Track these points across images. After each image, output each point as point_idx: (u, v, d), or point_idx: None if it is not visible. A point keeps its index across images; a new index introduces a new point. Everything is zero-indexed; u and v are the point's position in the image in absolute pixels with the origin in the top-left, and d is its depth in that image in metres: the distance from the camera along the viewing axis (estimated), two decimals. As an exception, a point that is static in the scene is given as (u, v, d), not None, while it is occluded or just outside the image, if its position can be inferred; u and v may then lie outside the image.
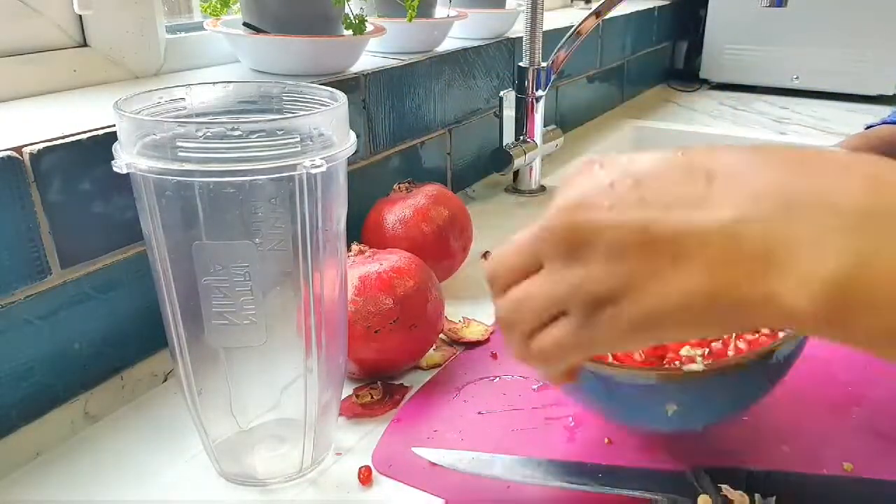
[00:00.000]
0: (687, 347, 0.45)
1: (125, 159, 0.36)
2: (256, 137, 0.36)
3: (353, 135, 0.40)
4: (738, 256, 0.25)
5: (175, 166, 0.35)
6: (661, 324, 0.27)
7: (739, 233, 0.25)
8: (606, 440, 0.47)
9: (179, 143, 0.35)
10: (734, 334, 0.46)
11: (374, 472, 0.45)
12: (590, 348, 0.30)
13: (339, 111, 0.40)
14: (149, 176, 0.36)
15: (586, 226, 0.28)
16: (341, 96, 0.41)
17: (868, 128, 0.69)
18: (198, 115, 0.42)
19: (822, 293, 0.23)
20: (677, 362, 0.44)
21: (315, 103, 0.43)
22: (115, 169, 0.36)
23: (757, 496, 0.40)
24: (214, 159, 0.35)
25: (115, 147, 0.37)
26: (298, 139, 0.36)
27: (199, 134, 0.35)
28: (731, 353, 0.45)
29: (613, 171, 0.28)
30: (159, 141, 0.35)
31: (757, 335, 0.46)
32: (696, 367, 0.39)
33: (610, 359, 0.45)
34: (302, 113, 0.42)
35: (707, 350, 0.44)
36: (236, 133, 0.36)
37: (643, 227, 0.26)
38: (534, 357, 0.32)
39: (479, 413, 0.50)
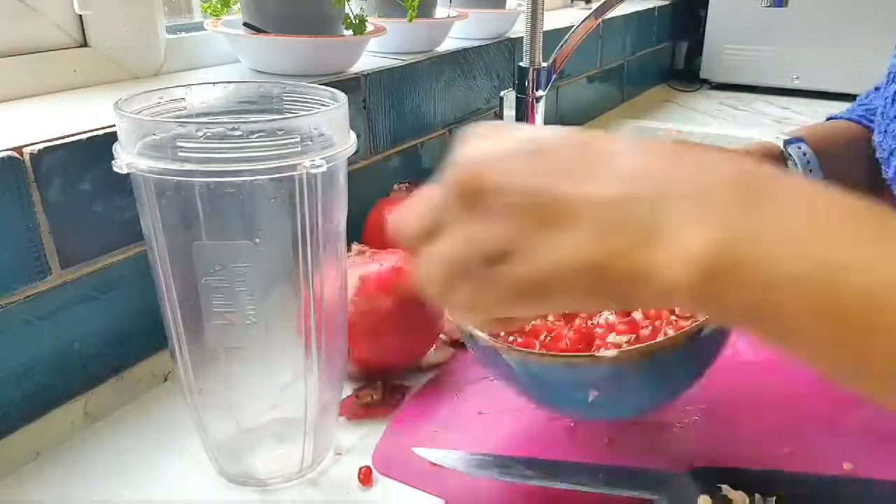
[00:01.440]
0: (613, 334, 0.44)
1: (125, 159, 0.36)
2: (256, 137, 0.36)
3: (353, 135, 0.40)
4: (625, 228, 0.26)
5: (175, 166, 0.35)
6: (547, 287, 0.28)
7: (627, 206, 0.26)
8: (606, 440, 0.47)
9: (180, 144, 0.35)
10: (664, 322, 0.45)
11: (375, 473, 0.45)
12: (489, 307, 0.30)
13: (339, 111, 0.40)
14: (149, 176, 0.36)
15: (487, 182, 0.28)
16: (341, 96, 0.41)
17: (829, 119, 0.71)
18: (198, 116, 0.42)
19: (697, 268, 0.24)
20: (603, 349, 0.43)
21: (315, 103, 0.43)
22: (115, 169, 0.36)
23: (757, 496, 0.40)
24: (214, 159, 0.35)
25: (116, 147, 0.37)
26: (298, 139, 0.36)
27: (200, 134, 0.35)
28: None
29: (514, 136, 0.29)
30: (159, 141, 0.35)
31: (688, 321, 0.44)
32: (609, 353, 0.38)
33: (536, 346, 0.45)
34: (302, 113, 0.42)
35: (634, 336, 0.43)
36: (236, 133, 0.36)
37: (537, 190, 0.27)
38: (454, 313, 0.33)
39: (480, 413, 0.50)
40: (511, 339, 0.46)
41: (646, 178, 0.27)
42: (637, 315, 0.47)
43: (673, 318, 0.46)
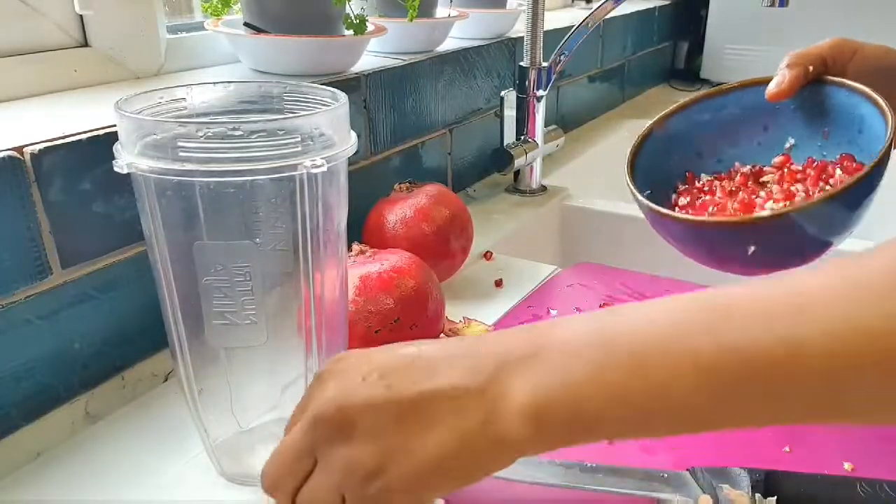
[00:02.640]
0: (771, 202, 0.50)
1: (126, 159, 0.36)
2: (257, 137, 0.36)
3: (353, 135, 0.40)
4: (467, 407, 0.30)
5: (176, 166, 0.35)
6: (426, 482, 0.31)
7: (466, 388, 0.30)
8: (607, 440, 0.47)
9: (180, 144, 0.35)
10: (818, 190, 0.51)
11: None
12: None
13: (339, 111, 0.40)
14: (149, 176, 0.36)
15: (349, 409, 0.31)
16: (342, 96, 0.41)
17: None
18: (198, 116, 0.42)
19: (525, 419, 0.29)
20: (761, 212, 0.50)
21: (316, 103, 0.43)
22: (115, 169, 0.36)
23: (757, 496, 0.40)
24: (215, 159, 0.35)
25: (116, 147, 0.37)
26: (299, 139, 0.36)
27: (200, 134, 0.35)
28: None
29: (360, 369, 0.33)
30: (160, 141, 0.35)
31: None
32: (763, 213, 0.47)
33: (706, 216, 0.51)
34: (303, 113, 0.42)
35: (790, 203, 0.49)
36: (237, 133, 0.36)
37: (394, 401, 0.31)
38: None
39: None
40: (684, 213, 0.53)
41: (472, 368, 0.31)
42: (797, 186, 0.52)
43: (827, 187, 0.50)
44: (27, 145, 0.44)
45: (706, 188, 0.57)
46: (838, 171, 0.51)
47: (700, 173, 0.59)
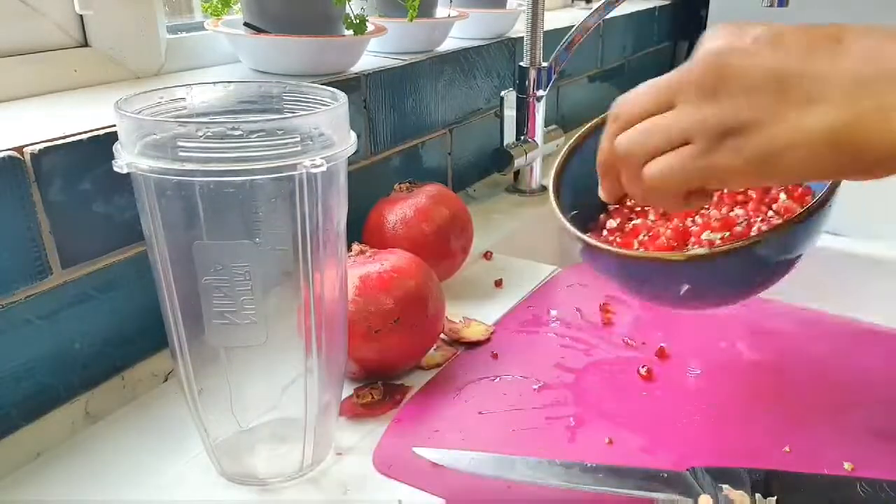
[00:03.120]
0: (708, 231, 0.47)
1: (126, 159, 0.36)
2: (257, 137, 0.36)
3: (353, 134, 0.40)
4: (866, 100, 0.29)
5: (176, 166, 0.35)
6: (779, 159, 0.31)
7: (871, 80, 0.29)
8: (607, 440, 0.47)
9: (180, 143, 0.35)
10: (760, 220, 0.47)
11: (375, 468, 0.45)
12: (705, 176, 0.33)
13: (339, 111, 0.40)
14: (149, 176, 0.36)
15: (729, 69, 0.31)
16: (342, 96, 0.41)
17: None
18: (198, 115, 0.42)
19: None
20: (696, 246, 0.46)
21: (315, 103, 0.43)
22: (115, 169, 0.36)
23: (757, 496, 0.40)
24: (215, 159, 0.35)
25: (116, 147, 0.37)
26: (299, 139, 0.36)
27: (200, 134, 0.35)
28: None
29: (755, 29, 0.33)
30: (160, 141, 0.35)
31: (781, 218, 0.47)
32: (700, 250, 0.43)
33: (635, 244, 0.48)
34: (302, 113, 0.42)
35: (728, 234, 0.46)
36: (237, 133, 0.36)
37: (781, 70, 0.31)
38: (646, 183, 0.35)
39: (480, 413, 0.50)
40: (612, 238, 0.50)
41: (881, 59, 0.30)
42: (737, 211, 0.49)
43: (770, 213, 0.47)
44: (27, 145, 0.44)
45: (639, 207, 0.53)
46: (782, 196, 0.48)
47: None
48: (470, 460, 0.44)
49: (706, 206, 0.49)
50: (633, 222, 0.51)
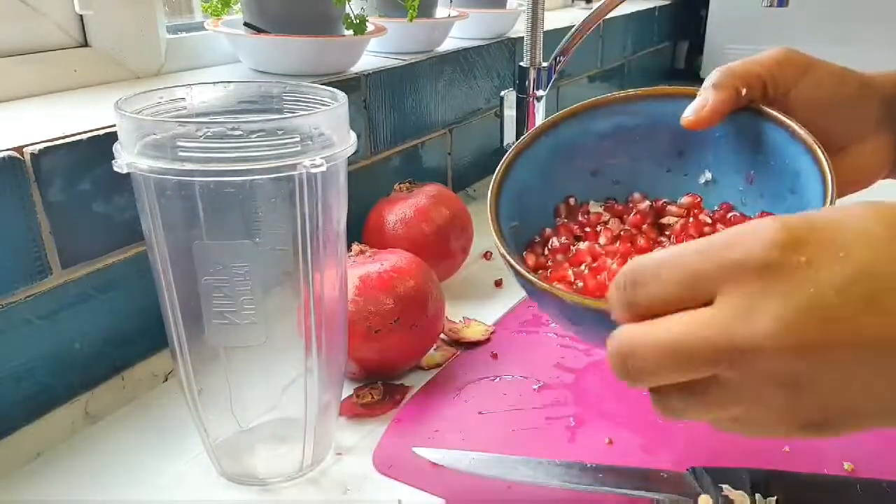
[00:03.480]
0: None
1: (126, 159, 0.36)
2: (256, 137, 0.36)
3: (353, 135, 0.40)
4: None
5: (176, 166, 0.35)
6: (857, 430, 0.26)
7: None
8: (607, 440, 0.47)
9: (180, 143, 0.35)
10: None
11: (375, 468, 0.45)
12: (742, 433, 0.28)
13: (339, 111, 0.40)
14: (149, 176, 0.36)
15: (811, 358, 0.24)
16: (341, 96, 0.41)
17: None
18: (198, 115, 0.42)
19: None
20: None
21: (315, 103, 0.43)
22: (115, 169, 0.36)
23: (758, 496, 0.40)
24: (215, 159, 0.35)
25: (116, 147, 0.37)
26: (298, 139, 0.36)
27: (200, 134, 0.35)
28: None
29: (833, 272, 0.24)
30: (160, 141, 0.35)
31: None
32: None
33: (570, 274, 0.43)
34: (302, 113, 0.42)
35: None
36: (236, 133, 0.36)
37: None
38: (657, 410, 0.28)
39: (480, 413, 0.50)
40: (550, 261, 0.45)
41: None
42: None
43: None
44: (27, 145, 0.44)
45: (590, 221, 0.47)
46: None
47: (589, 198, 0.48)
48: (470, 461, 0.44)
49: (666, 240, 0.45)
50: (579, 245, 0.46)
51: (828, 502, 0.41)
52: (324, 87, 0.43)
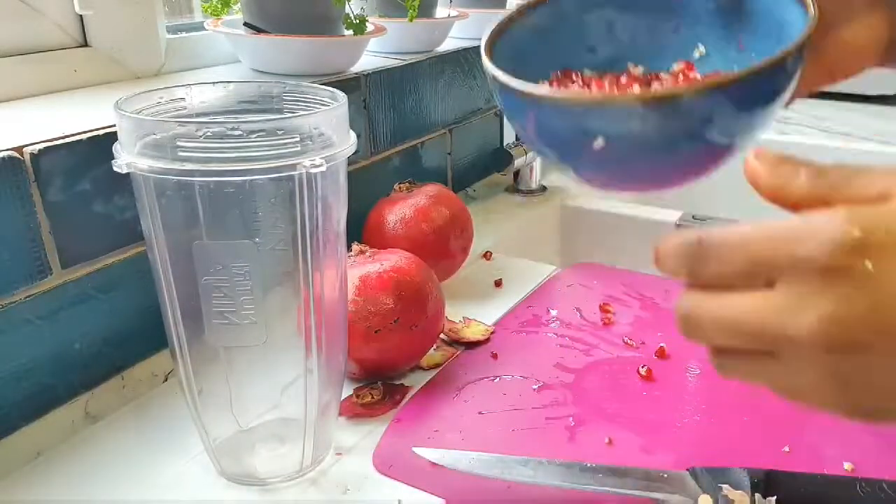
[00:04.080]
0: (657, 84, 0.41)
1: (125, 159, 0.36)
2: (256, 137, 0.36)
3: (353, 134, 0.40)
4: None
5: (175, 166, 0.35)
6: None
7: None
8: (607, 440, 0.47)
9: (180, 143, 0.35)
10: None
11: (375, 468, 0.45)
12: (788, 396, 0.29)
13: (338, 111, 0.40)
14: (149, 175, 0.36)
15: (874, 335, 0.24)
16: (341, 96, 0.41)
17: None
18: (198, 115, 0.42)
19: None
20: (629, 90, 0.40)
21: (315, 103, 0.43)
22: (115, 169, 0.36)
23: (757, 496, 0.40)
24: (215, 159, 0.35)
25: (116, 147, 0.37)
26: (298, 139, 0.36)
27: (200, 134, 0.35)
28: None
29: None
30: (160, 141, 0.35)
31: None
32: (632, 92, 0.36)
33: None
34: (302, 113, 0.42)
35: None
36: (236, 133, 0.36)
37: None
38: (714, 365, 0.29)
39: (480, 413, 0.50)
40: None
41: None
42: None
43: None
44: (27, 145, 0.44)
45: (584, 80, 0.46)
46: None
47: (583, 67, 0.47)
48: (470, 461, 0.44)
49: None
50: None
51: (828, 502, 0.41)
52: (324, 87, 0.43)
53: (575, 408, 0.51)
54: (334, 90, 0.42)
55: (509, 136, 0.95)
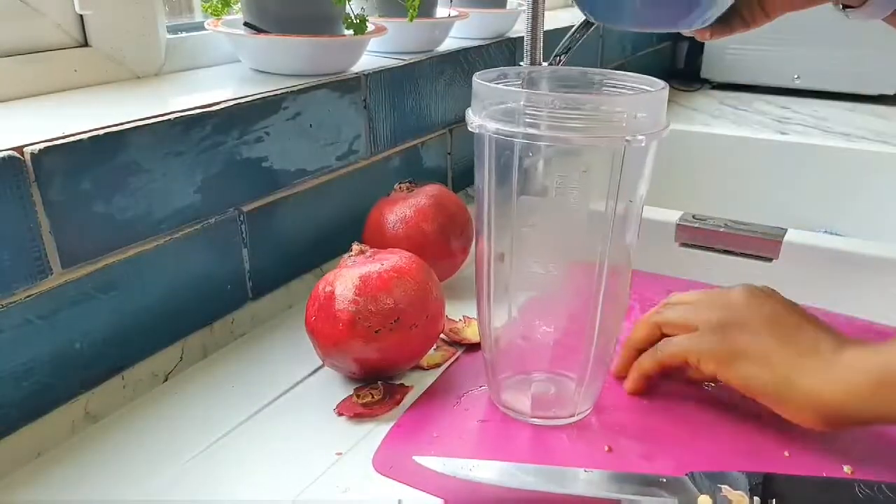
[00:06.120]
0: None
1: (476, 122, 0.43)
2: (588, 110, 0.41)
3: (668, 119, 0.44)
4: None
5: (520, 130, 0.41)
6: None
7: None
8: (607, 448, 0.47)
9: (528, 111, 0.41)
10: None
11: (375, 468, 0.45)
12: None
13: (660, 95, 0.43)
14: (493, 136, 0.43)
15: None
16: (659, 83, 0.45)
17: None
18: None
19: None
20: None
21: (632, 89, 0.47)
22: (469, 129, 0.43)
23: (756, 500, 0.40)
24: (556, 127, 0.41)
25: (468, 111, 0.44)
26: (625, 115, 0.41)
27: (543, 105, 0.41)
28: None
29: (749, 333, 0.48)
30: (510, 109, 0.42)
31: None
32: None
33: None
34: (628, 93, 0.47)
35: None
36: (571, 107, 0.41)
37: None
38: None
39: (480, 421, 0.50)
40: None
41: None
42: None
43: None
44: (27, 145, 0.44)
45: None
46: None
47: None
48: (471, 468, 0.43)
49: None
50: None
51: (827, 504, 0.41)
52: (638, 75, 0.47)
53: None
54: (652, 78, 0.46)
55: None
